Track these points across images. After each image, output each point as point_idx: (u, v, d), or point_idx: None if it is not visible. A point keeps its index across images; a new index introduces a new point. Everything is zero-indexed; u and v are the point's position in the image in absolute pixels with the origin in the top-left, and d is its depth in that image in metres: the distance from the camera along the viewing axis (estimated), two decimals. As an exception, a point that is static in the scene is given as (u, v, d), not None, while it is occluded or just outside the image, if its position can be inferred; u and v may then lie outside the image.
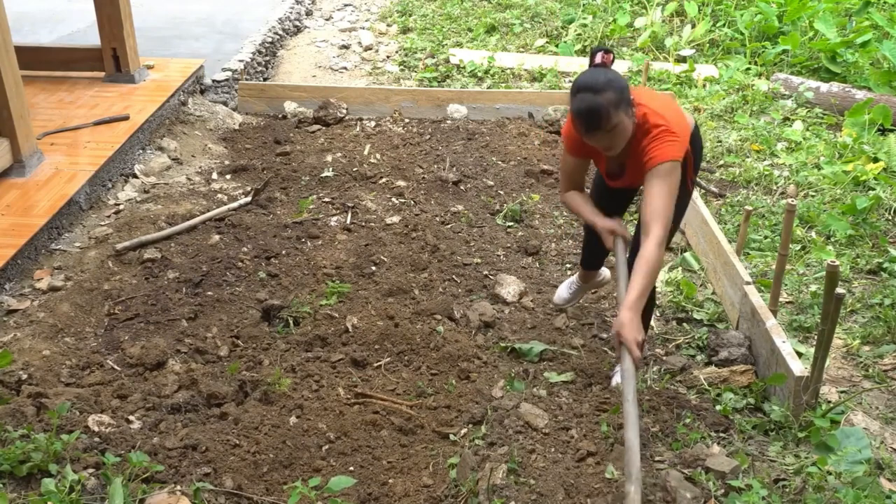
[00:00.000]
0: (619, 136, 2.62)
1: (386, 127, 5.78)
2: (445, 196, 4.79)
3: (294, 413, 2.99)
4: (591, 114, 2.55)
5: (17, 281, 3.73)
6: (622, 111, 2.58)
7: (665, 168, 2.64)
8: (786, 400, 2.98)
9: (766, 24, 7.37)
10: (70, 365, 3.18)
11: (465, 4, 8.67)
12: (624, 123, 2.60)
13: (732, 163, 5.25)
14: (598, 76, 2.59)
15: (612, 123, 2.56)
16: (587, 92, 2.56)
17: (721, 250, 3.76)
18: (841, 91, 6.13)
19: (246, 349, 3.38)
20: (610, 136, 2.61)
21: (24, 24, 7.31)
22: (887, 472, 2.76)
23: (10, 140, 4.30)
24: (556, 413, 3.00)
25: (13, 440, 2.61)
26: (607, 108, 2.54)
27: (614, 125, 2.57)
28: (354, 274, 3.92)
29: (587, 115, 2.56)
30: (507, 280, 3.89)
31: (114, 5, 5.47)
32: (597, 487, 2.64)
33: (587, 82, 2.58)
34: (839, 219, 4.41)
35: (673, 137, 2.67)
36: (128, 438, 2.77)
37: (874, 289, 3.91)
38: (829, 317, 2.80)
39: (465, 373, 3.26)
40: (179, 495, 2.50)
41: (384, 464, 2.78)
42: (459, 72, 6.83)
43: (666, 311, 3.75)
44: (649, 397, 3.12)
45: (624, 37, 7.68)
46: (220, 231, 4.25)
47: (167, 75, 5.86)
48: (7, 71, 4.19)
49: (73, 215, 4.26)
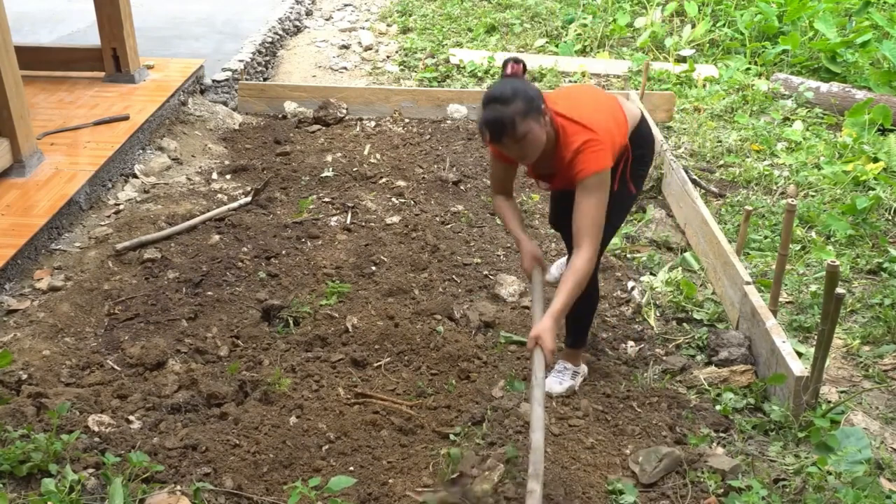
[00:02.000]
0: (530, 146, 2.64)
1: (386, 127, 5.78)
2: (445, 196, 4.79)
3: (294, 413, 2.99)
4: (496, 123, 2.57)
5: (17, 281, 3.73)
6: (531, 120, 2.59)
7: (592, 182, 2.68)
8: (786, 400, 2.98)
9: (766, 24, 7.37)
10: (70, 365, 3.18)
11: (465, 4, 8.66)
12: (534, 132, 2.61)
13: (732, 163, 5.25)
14: (506, 87, 2.62)
15: (519, 133, 2.58)
16: (496, 103, 2.59)
17: (721, 250, 3.76)
18: (841, 91, 6.13)
19: (246, 349, 3.38)
20: (520, 145, 2.62)
21: (24, 24, 7.31)
22: (887, 472, 2.76)
23: (10, 140, 4.30)
24: (557, 413, 3.00)
25: (13, 440, 2.62)
26: (513, 118, 2.56)
27: (523, 134, 2.59)
28: (354, 274, 3.92)
29: (493, 124, 2.58)
30: (507, 280, 3.89)
31: (114, 5, 5.47)
32: (597, 486, 2.65)
33: (495, 94, 2.61)
34: (839, 219, 4.41)
35: (597, 147, 2.68)
36: (128, 438, 2.77)
37: (874, 289, 3.91)
38: (829, 317, 2.80)
39: (465, 373, 3.26)
40: (179, 495, 2.50)
41: (384, 464, 2.77)
42: (459, 72, 6.83)
43: (666, 311, 3.75)
44: (649, 397, 3.13)
45: (624, 37, 7.68)
46: (220, 231, 4.25)
47: (167, 75, 5.86)
48: (7, 71, 4.19)
49: (73, 215, 4.26)
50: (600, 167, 2.68)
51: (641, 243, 4.35)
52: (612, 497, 2.62)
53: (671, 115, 5.86)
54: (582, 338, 3.21)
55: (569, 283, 2.67)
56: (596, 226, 2.70)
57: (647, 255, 4.18)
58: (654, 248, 4.27)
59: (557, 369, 3.19)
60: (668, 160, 4.77)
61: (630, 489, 2.62)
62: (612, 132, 2.77)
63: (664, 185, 4.85)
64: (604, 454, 2.81)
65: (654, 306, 3.75)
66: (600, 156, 2.68)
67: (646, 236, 4.41)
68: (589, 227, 2.69)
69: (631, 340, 3.54)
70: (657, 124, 5.28)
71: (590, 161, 2.67)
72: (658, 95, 5.86)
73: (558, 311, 2.66)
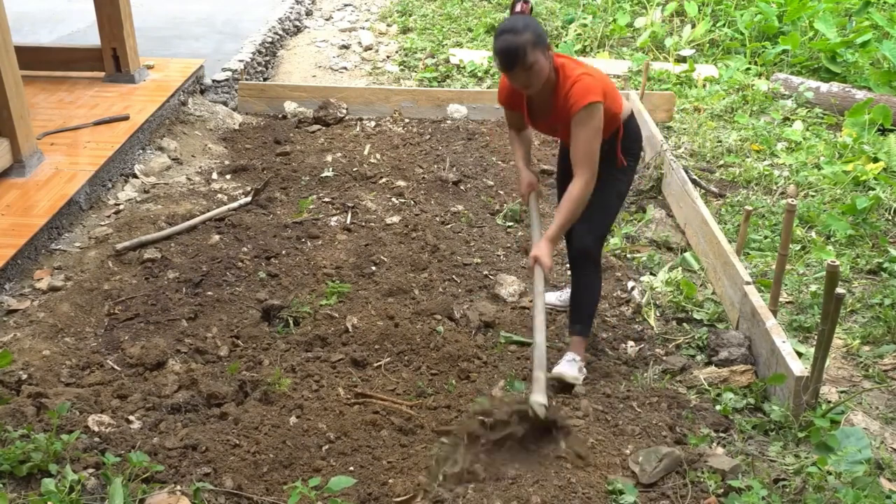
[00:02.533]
0: (535, 76, 2.86)
1: (386, 127, 5.78)
2: (445, 196, 4.79)
3: (294, 413, 2.99)
4: (510, 52, 2.81)
5: (17, 281, 3.73)
6: (539, 51, 2.83)
7: (584, 114, 2.89)
8: (786, 400, 2.98)
9: (766, 24, 7.37)
10: (70, 365, 3.18)
11: (465, 4, 8.66)
12: (540, 63, 2.84)
13: (732, 163, 5.25)
14: (518, 21, 2.87)
15: (529, 61, 2.81)
16: (508, 34, 2.82)
17: (721, 250, 3.75)
18: (841, 91, 6.13)
19: (246, 349, 3.38)
20: (527, 73, 2.85)
21: (24, 24, 7.31)
22: (887, 472, 2.76)
23: (10, 140, 4.30)
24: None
25: (13, 440, 2.62)
26: (524, 47, 2.79)
27: (531, 63, 2.82)
28: (354, 274, 3.92)
29: (506, 52, 2.81)
30: (507, 280, 3.89)
31: (114, 5, 5.47)
32: (597, 486, 2.65)
33: (508, 26, 2.85)
34: (839, 219, 4.41)
35: (590, 81, 2.91)
36: (128, 438, 2.77)
37: (874, 289, 3.91)
38: (829, 317, 2.80)
39: (465, 373, 3.26)
40: (179, 495, 2.50)
41: (384, 464, 2.77)
42: (459, 72, 6.83)
43: (666, 311, 3.75)
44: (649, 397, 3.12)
45: (624, 37, 7.68)
46: (220, 231, 4.25)
47: (167, 75, 5.86)
48: (7, 71, 4.19)
49: (73, 215, 4.26)
50: (592, 99, 2.88)
51: (641, 243, 4.35)
52: (612, 497, 2.61)
53: (671, 115, 5.86)
54: (587, 326, 3.27)
55: (565, 207, 2.94)
56: (590, 154, 2.92)
57: (647, 255, 4.18)
58: (654, 248, 4.27)
59: (567, 359, 3.22)
60: (668, 160, 4.77)
61: (630, 489, 2.62)
62: (605, 84, 3.00)
63: (664, 185, 4.85)
64: (604, 454, 2.81)
65: (654, 306, 3.75)
66: (592, 89, 2.89)
67: (646, 236, 4.41)
68: (583, 155, 2.92)
69: (631, 340, 3.54)
70: (657, 124, 5.28)
71: (582, 92, 2.88)
72: (658, 95, 5.85)
73: (555, 233, 2.97)
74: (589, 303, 3.27)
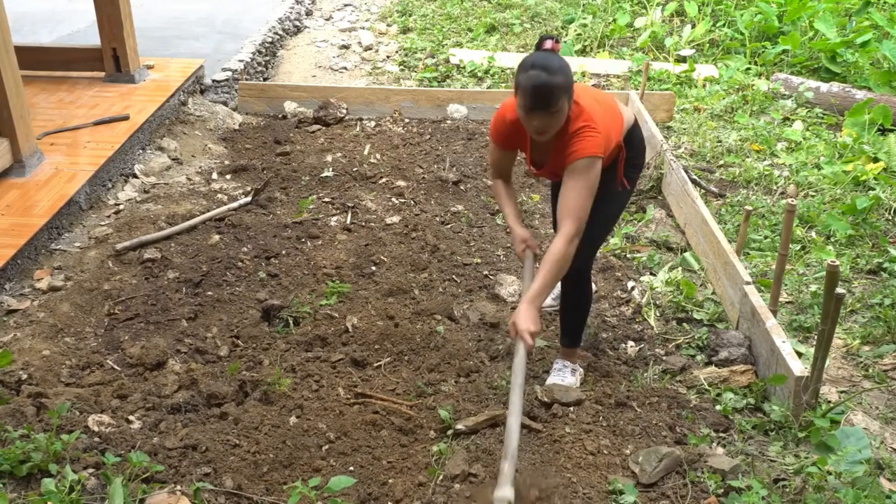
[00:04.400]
0: (556, 121, 2.66)
1: (386, 127, 5.78)
2: (445, 196, 4.79)
3: (294, 413, 2.99)
4: (541, 91, 2.57)
5: (17, 281, 3.73)
6: (566, 98, 2.63)
7: (582, 164, 2.69)
8: (786, 400, 2.98)
9: (766, 24, 7.37)
10: (70, 365, 3.18)
11: (465, 4, 8.66)
12: (564, 111, 2.65)
13: (732, 163, 5.25)
14: (553, 59, 2.63)
15: (556, 106, 2.60)
16: (541, 70, 2.58)
17: (721, 250, 3.75)
18: (841, 91, 6.13)
19: (246, 349, 3.38)
20: (550, 118, 2.64)
21: (24, 24, 7.31)
22: (887, 472, 2.76)
23: (10, 140, 4.30)
24: (557, 413, 2.99)
25: (13, 440, 2.62)
26: (558, 90, 2.58)
27: (557, 109, 2.61)
28: (354, 274, 3.92)
29: (538, 91, 2.58)
30: (507, 280, 3.89)
31: (114, 5, 5.47)
32: (597, 486, 2.65)
33: (541, 62, 2.61)
34: (839, 219, 4.41)
35: (593, 133, 2.70)
36: (128, 438, 2.77)
37: (874, 289, 3.91)
38: (829, 317, 2.80)
39: (466, 372, 3.26)
40: (179, 495, 2.50)
41: (384, 464, 2.77)
42: (459, 72, 6.83)
43: (666, 311, 3.75)
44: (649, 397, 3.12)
45: (624, 37, 7.68)
46: (220, 231, 4.25)
47: (167, 75, 5.86)
48: (7, 71, 4.19)
49: (73, 215, 4.26)
50: (592, 152, 2.69)
51: (641, 243, 4.35)
52: (612, 497, 2.62)
53: (671, 115, 5.86)
54: (576, 338, 3.23)
55: (546, 266, 2.69)
56: (579, 209, 2.70)
57: (647, 255, 4.18)
58: (654, 248, 4.27)
59: (556, 368, 3.20)
60: (668, 160, 4.77)
61: (630, 489, 2.62)
62: (608, 125, 2.81)
63: (664, 185, 4.85)
64: (604, 454, 2.81)
65: (654, 306, 3.75)
66: (594, 142, 2.70)
67: (646, 236, 4.41)
68: (572, 209, 2.70)
69: (631, 340, 3.54)
70: (657, 124, 5.28)
71: (583, 145, 2.69)
72: (658, 95, 5.85)
73: (534, 294, 2.69)
74: (579, 319, 3.19)
